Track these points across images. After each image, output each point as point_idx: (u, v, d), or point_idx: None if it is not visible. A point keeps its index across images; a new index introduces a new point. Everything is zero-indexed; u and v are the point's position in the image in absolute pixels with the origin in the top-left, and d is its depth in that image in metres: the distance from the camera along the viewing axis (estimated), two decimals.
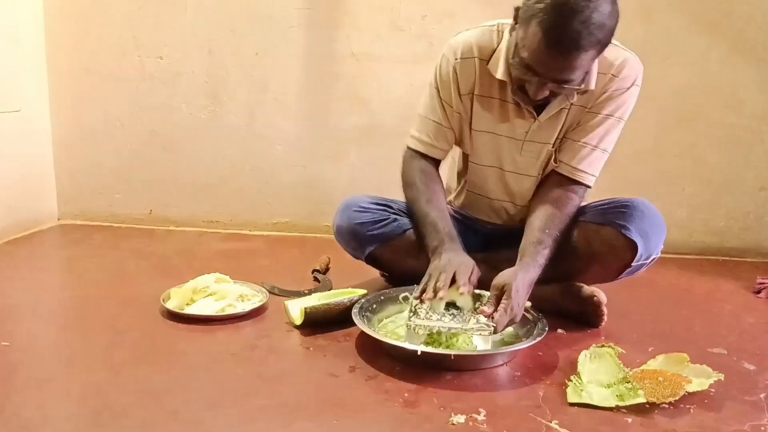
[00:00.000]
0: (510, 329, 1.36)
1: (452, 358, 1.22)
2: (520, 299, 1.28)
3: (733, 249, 2.22)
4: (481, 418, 1.06)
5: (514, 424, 1.05)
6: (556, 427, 1.04)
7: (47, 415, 1.07)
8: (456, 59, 1.46)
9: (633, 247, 1.42)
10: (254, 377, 1.21)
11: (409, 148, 1.57)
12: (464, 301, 1.31)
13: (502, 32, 1.43)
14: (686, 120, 2.17)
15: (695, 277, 1.97)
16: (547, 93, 1.31)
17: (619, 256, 1.45)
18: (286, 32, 2.31)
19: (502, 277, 1.30)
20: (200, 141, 2.43)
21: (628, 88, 1.43)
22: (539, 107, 1.43)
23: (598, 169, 1.48)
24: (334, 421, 1.05)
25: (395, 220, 1.58)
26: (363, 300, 1.44)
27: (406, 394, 1.14)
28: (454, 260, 1.35)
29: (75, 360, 1.30)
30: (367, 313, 1.41)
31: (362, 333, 1.34)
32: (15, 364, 1.26)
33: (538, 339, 1.27)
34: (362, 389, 1.17)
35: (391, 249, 1.58)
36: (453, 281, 1.31)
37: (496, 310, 1.25)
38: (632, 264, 1.45)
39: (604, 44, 1.25)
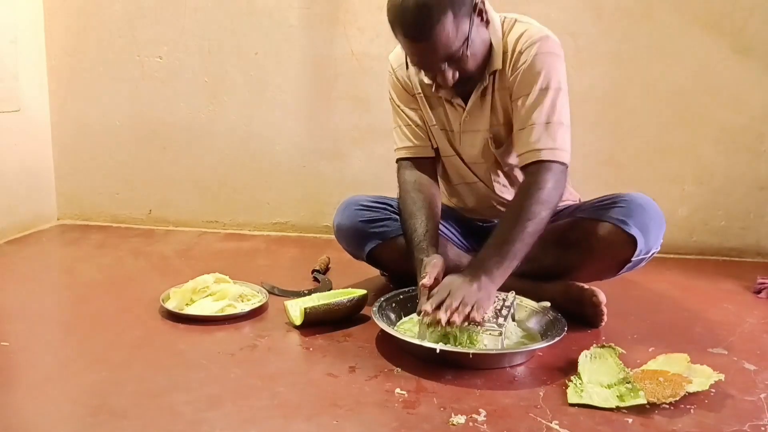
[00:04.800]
0: (533, 328, 1.39)
1: (471, 356, 1.22)
2: (454, 298, 1.25)
3: (733, 249, 2.21)
4: (481, 418, 1.06)
5: (514, 424, 1.05)
6: (556, 427, 1.04)
7: (47, 415, 1.07)
8: (394, 68, 1.60)
9: (633, 242, 1.41)
10: (254, 377, 1.21)
11: (397, 161, 1.63)
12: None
13: None
14: (686, 120, 2.17)
15: (695, 277, 1.97)
16: (453, 75, 1.37)
17: (619, 252, 1.45)
18: (286, 32, 2.31)
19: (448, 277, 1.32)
20: (200, 141, 2.43)
21: (535, 56, 1.40)
22: (465, 99, 1.49)
23: (559, 142, 1.39)
24: (334, 421, 1.05)
25: (396, 219, 1.58)
26: (382, 299, 1.44)
27: (406, 394, 1.14)
28: (426, 267, 1.37)
29: (75, 360, 1.30)
30: (387, 312, 1.41)
31: (365, 331, 1.33)
32: (15, 364, 1.26)
33: (557, 338, 1.27)
34: (362, 389, 1.17)
35: (391, 248, 1.58)
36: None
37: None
38: (632, 259, 1.44)
39: (444, 8, 1.28)
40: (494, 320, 1.27)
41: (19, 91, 2.30)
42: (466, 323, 1.24)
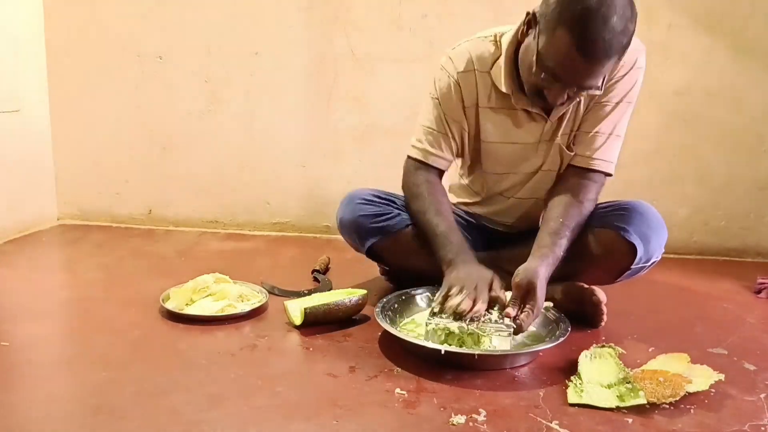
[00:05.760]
0: (532, 328, 1.37)
1: (476, 357, 1.21)
2: (541, 297, 1.28)
3: (733, 249, 2.21)
4: (481, 418, 1.06)
5: (514, 424, 1.05)
6: (556, 427, 1.04)
7: (47, 415, 1.07)
8: (457, 72, 1.47)
9: (632, 250, 1.41)
10: (254, 377, 1.21)
11: (411, 157, 1.56)
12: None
13: (500, 43, 1.44)
14: (686, 120, 2.17)
15: (695, 277, 1.97)
16: (566, 97, 1.33)
17: (618, 259, 1.45)
18: (286, 32, 2.31)
19: (524, 276, 1.29)
20: (200, 141, 2.43)
21: (630, 70, 1.42)
22: (545, 108, 1.44)
23: (614, 155, 1.47)
24: (334, 421, 1.05)
25: (398, 214, 1.56)
26: (384, 300, 1.44)
27: (406, 394, 1.14)
28: (473, 274, 1.34)
29: (75, 360, 1.30)
30: (389, 313, 1.41)
31: (366, 331, 1.33)
32: (15, 364, 1.26)
33: (561, 339, 1.27)
34: (362, 389, 1.17)
35: (393, 243, 1.56)
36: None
37: (521, 310, 1.26)
38: (631, 267, 1.45)
39: (626, 47, 1.26)
40: (502, 320, 1.26)
41: (19, 91, 2.30)
42: (479, 322, 1.25)
